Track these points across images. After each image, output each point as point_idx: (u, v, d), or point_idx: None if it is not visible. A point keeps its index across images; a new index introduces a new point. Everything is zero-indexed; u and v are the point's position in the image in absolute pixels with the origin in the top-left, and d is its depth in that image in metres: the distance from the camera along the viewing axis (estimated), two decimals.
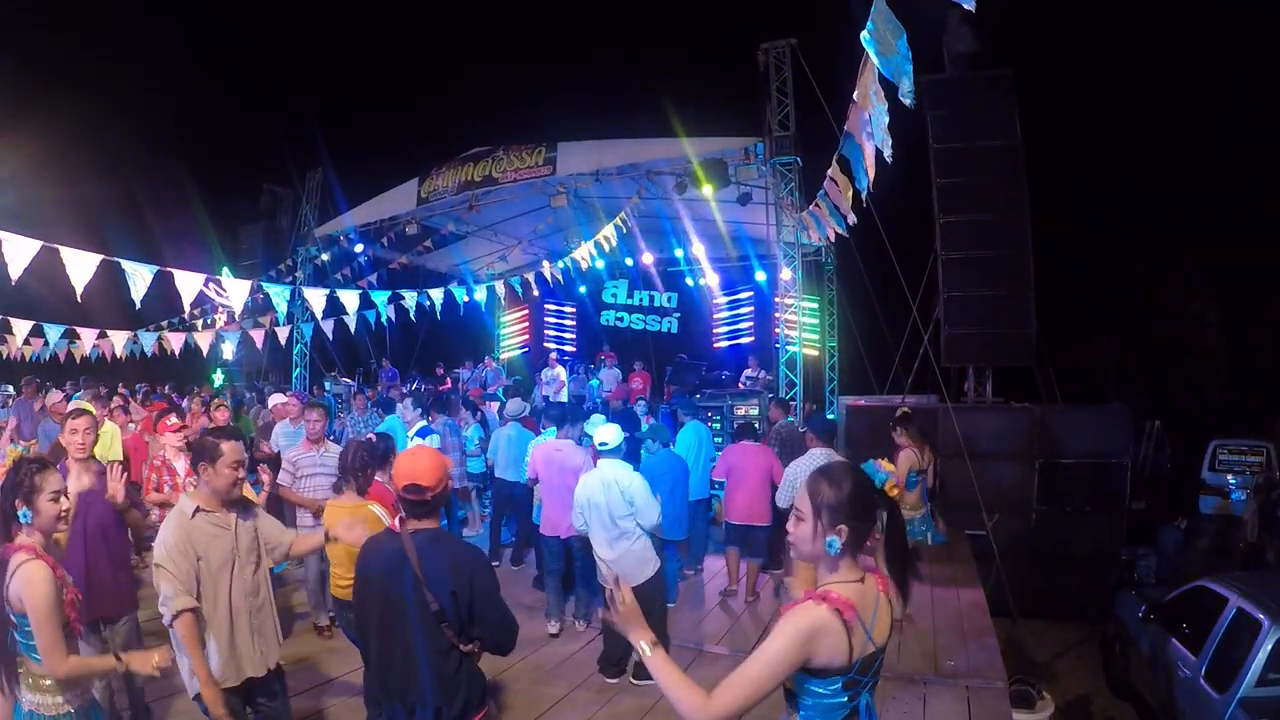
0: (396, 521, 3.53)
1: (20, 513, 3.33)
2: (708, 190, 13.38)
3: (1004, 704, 6.15)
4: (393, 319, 13.56)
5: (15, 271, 7.64)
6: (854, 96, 6.14)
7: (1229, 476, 14.60)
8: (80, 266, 8.07)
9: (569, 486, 7.18)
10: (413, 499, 3.39)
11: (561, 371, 17.67)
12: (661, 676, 2.43)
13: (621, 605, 2.59)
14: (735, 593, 8.70)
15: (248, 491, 4.58)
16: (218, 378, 23.61)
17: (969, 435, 10.64)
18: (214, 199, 24.89)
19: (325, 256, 18.53)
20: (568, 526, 7.16)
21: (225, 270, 18.27)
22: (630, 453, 7.09)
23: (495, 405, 13.79)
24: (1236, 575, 7.68)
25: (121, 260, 8.61)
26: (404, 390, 15.65)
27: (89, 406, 6.92)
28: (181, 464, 7.18)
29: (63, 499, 3.46)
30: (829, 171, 8.78)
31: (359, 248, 18.40)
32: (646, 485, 6.43)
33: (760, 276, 18.39)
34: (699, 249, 18.21)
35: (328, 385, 17.75)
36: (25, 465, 3.48)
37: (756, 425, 10.05)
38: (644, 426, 9.52)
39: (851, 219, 9.02)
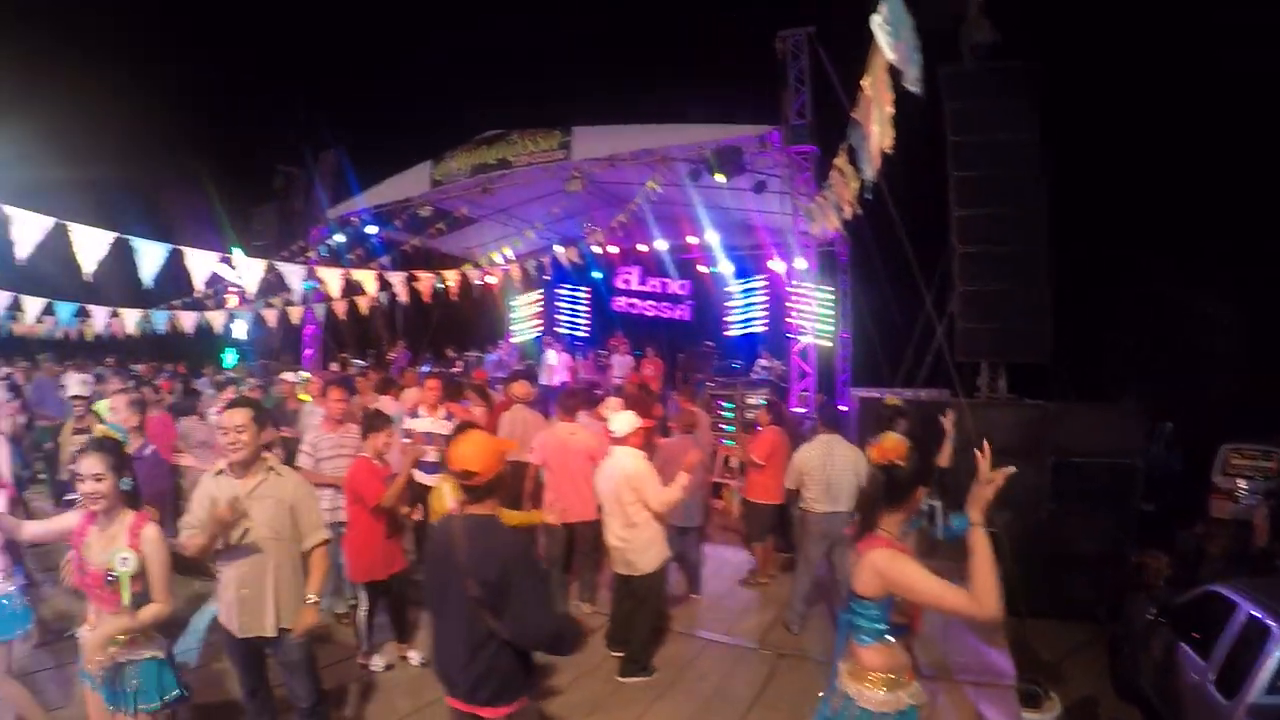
0: (457, 504, 3.63)
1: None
2: (722, 177, 13.18)
3: (1011, 703, 6.11)
4: (406, 301, 13.53)
5: (24, 249, 7.61)
6: (862, 84, 6.04)
7: (1240, 481, 14.43)
8: (90, 244, 8.02)
9: (575, 471, 7.19)
10: (464, 484, 3.50)
11: (553, 355, 17.65)
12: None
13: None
14: (765, 583, 8.72)
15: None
16: (229, 357, 23.67)
17: (982, 431, 10.52)
18: (226, 179, 24.94)
19: (340, 238, 18.51)
20: (581, 511, 7.14)
21: (236, 250, 18.23)
22: None
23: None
24: (1247, 581, 7.55)
25: (131, 238, 8.57)
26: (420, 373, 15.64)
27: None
28: None
29: (87, 482, 3.77)
30: (835, 161, 8.67)
31: (372, 229, 18.40)
32: (653, 473, 6.40)
33: (775, 265, 18.11)
34: (713, 236, 18.11)
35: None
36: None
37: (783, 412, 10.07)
38: None
39: (849, 212, 8.86)
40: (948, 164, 11.90)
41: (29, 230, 7.53)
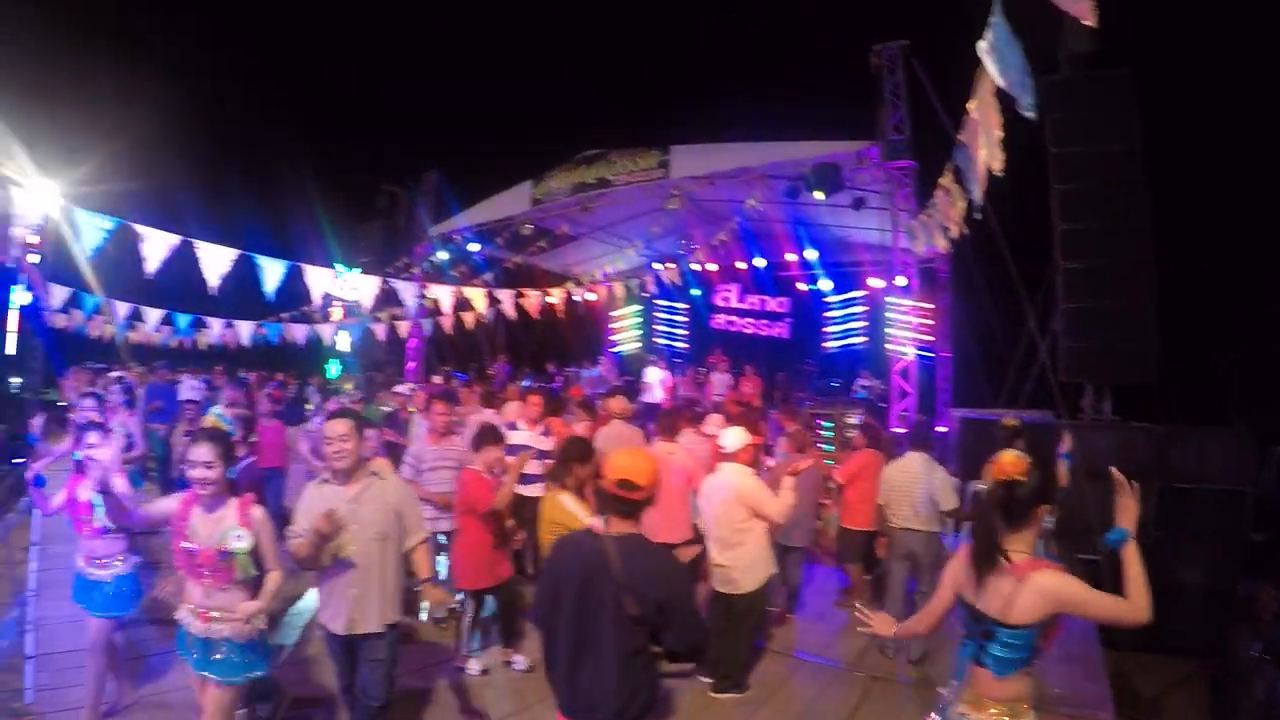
0: (599, 522, 3.60)
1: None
2: (820, 195, 13.04)
3: None
4: (514, 317, 13.85)
5: (153, 264, 8.03)
6: (968, 107, 6.02)
7: None
8: (215, 260, 8.45)
9: (671, 492, 7.23)
10: (624, 495, 3.45)
11: (655, 372, 17.63)
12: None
13: None
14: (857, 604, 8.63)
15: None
16: (333, 368, 24.39)
17: (1085, 454, 10.23)
18: (333, 199, 25.80)
19: (443, 255, 18.91)
20: (670, 533, 7.18)
21: (342, 266, 18.85)
22: None
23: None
24: None
25: (256, 255, 9.00)
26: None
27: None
28: None
29: (198, 469, 4.14)
30: (941, 181, 8.61)
31: (474, 247, 18.74)
32: (763, 486, 6.42)
33: (874, 282, 17.93)
34: (811, 253, 18.03)
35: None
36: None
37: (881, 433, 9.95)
38: None
39: (955, 232, 8.79)
40: (1049, 176, 11.63)
41: (158, 247, 7.94)
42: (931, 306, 15.56)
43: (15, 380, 31.50)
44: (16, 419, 22.24)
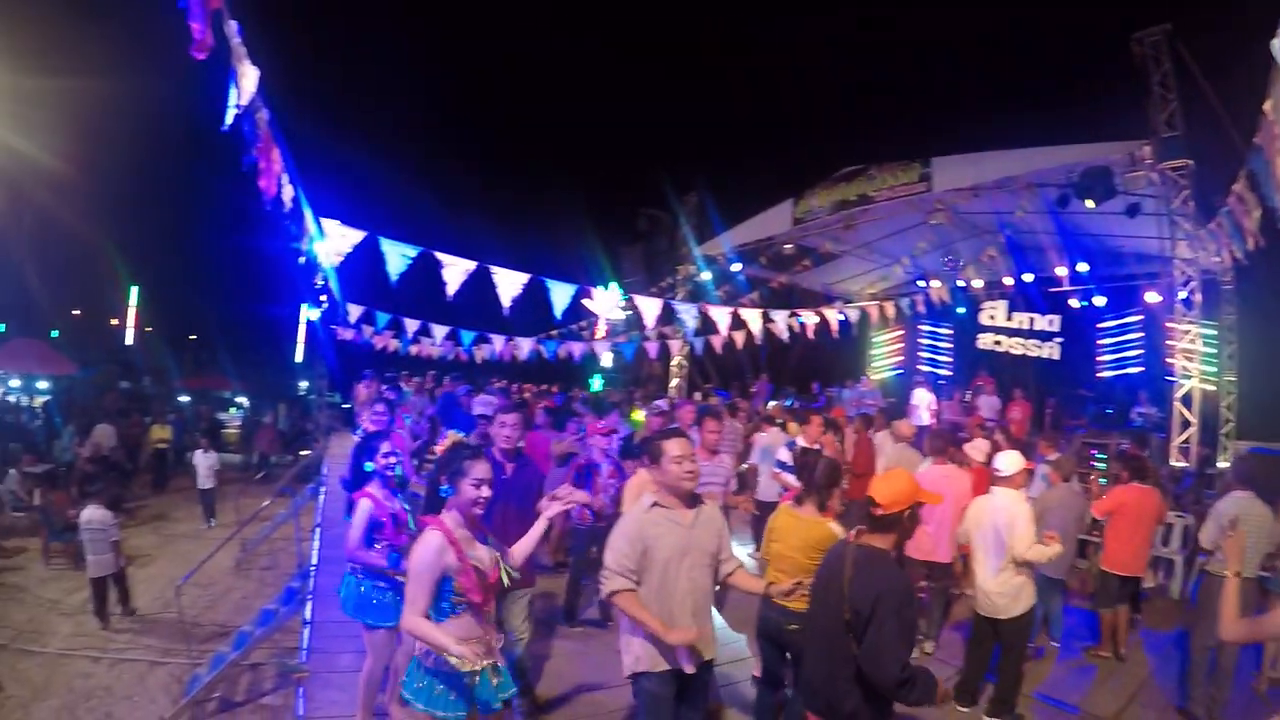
0: (854, 532, 3.80)
1: (443, 488, 3.82)
2: (1091, 203, 12.21)
3: None
4: (787, 339, 14.02)
5: (452, 287, 8.81)
6: (1264, 109, 5.77)
7: None
8: (508, 284, 9.19)
9: (943, 511, 7.23)
10: (866, 509, 3.72)
11: (922, 394, 17.06)
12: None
13: None
14: (1108, 657, 8.16)
15: None
16: (596, 383, 25.48)
17: None
18: (598, 225, 27.09)
19: (707, 275, 19.40)
20: (943, 551, 7.15)
21: (602, 287, 19.69)
22: None
23: None
24: None
25: (546, 279, 9.69)
26: (784, 406, 15.90)
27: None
28: (606, 464, 7.98)
29: (484, 487, 3.77)
30: (1235, 187, 8.13)
31: (736, 267, 19.07)
32: (1031, 517, 6.28)
33: (1151, 297, 16.48)
34: (1083, 266, 17.23)
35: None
36: (459, 450, 4.04)
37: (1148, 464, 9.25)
38: None
39: (1252, 243, 8.22)
40: None
41: (456, 272, 8.71)
42: (1215, 324, 14.49)
43: (303, 384, 35.75)
44: (303, 416, 25.21)
